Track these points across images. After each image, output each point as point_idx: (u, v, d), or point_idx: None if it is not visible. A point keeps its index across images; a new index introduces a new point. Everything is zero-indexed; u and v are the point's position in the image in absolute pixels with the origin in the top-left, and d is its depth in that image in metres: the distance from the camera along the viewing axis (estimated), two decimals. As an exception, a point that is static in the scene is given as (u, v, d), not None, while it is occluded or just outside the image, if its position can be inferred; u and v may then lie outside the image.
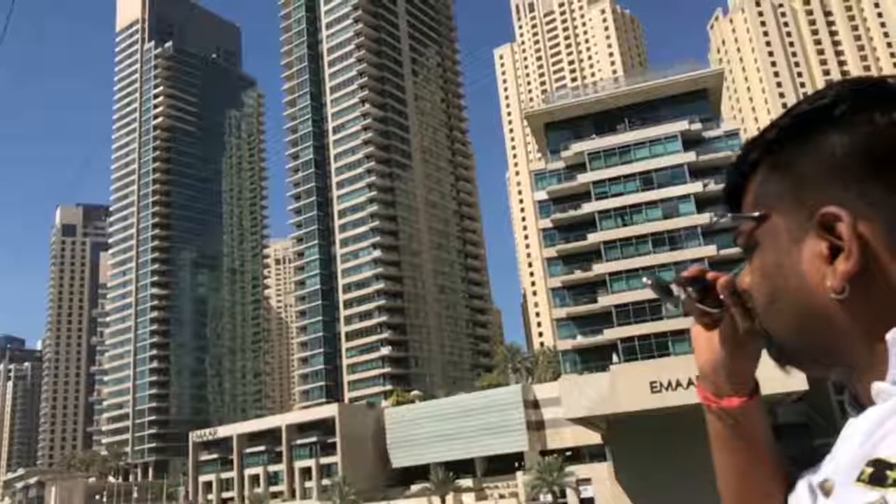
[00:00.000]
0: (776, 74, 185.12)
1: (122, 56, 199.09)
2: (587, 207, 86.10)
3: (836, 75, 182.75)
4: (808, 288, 0.93)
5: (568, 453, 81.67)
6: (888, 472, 0.80)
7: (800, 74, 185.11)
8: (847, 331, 0.92)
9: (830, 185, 0.91)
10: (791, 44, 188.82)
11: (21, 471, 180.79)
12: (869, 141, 0.90)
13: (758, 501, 1.14)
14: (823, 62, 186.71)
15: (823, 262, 0.91)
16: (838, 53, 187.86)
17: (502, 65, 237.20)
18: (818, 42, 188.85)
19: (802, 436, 60.26)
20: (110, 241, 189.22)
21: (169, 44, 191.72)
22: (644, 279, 1.12)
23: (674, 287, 1.11)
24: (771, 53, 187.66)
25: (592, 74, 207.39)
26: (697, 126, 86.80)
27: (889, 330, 0.88)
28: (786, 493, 1.09)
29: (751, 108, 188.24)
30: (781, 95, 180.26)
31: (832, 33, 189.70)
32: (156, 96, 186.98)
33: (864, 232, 0.88)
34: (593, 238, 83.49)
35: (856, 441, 0.88)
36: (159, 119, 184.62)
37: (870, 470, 0.82)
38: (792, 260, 0.95)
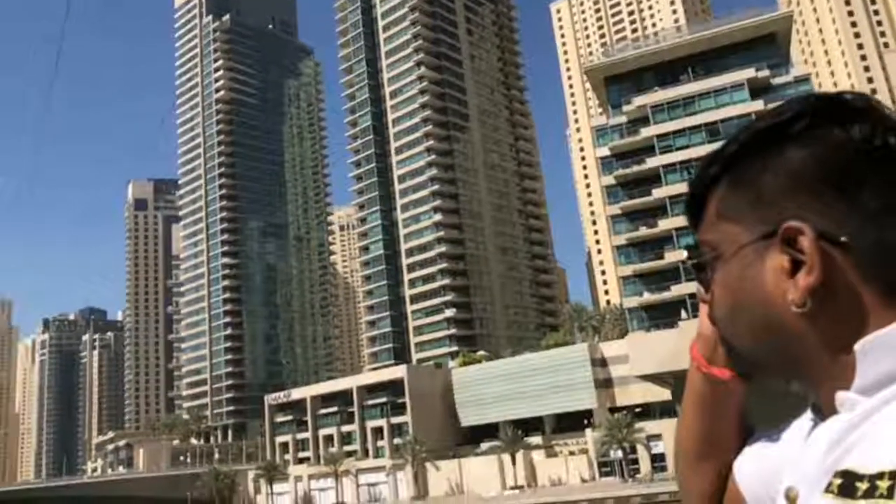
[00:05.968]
0: (850, 14, 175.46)
1: (181, 31, 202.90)
2: (651, 162, 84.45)
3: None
4: (770, 301, 0.94)
5: (637, 410, 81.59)
6: (857, 484, 0.80)
7: (876, 13, 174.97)
8: (809, 343, 0.93)
9: (792, 199, 0.93)
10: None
11: (111, 434, 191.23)
12: (829, 156, 0.91)
13: (710, 460, 1.18)
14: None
15: (785, 276, 0.92)
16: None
17: (559, 20, 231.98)
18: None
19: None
20: (180, 213, 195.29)
21: (226, 17, 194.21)
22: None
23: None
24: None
25: (653, 25, 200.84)
26: (765, 73, 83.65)
27: (852, 342, 0.89)
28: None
29: (823, 52, 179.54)
30: (857, 35, 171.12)
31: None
32: (216, 70, 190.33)
33: (825, 246, 0.90)
34: (658, 193, 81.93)
35: (821, 449, 0.88)
36: (221, 92, 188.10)
37: (838, 481, 0.82)
38: (754, 273, 0.96)
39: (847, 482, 0.81)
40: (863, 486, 0.79)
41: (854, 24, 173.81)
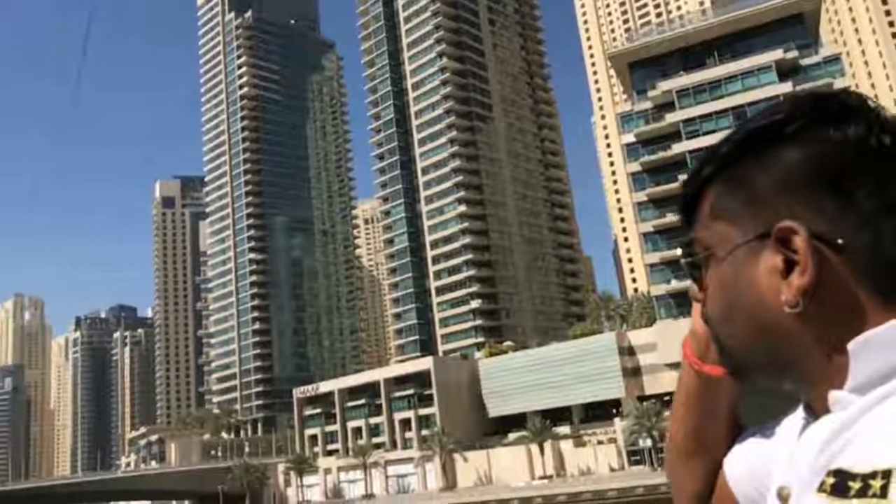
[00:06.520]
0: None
1: (204, 29, 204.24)
2: (677, 148, 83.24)
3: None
4: (764, 301, 0.94)
5: (666, 398, 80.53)
6: (850, 483, 0.79)
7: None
8: (802, 343, 0.93)
9: (787, 199, 0.92)
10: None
11: (143, 429, 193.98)
12: (823, 156, 0.91)
13: (700, 458, 1.19)
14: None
15: (779, 276, 0.92)
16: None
17: (582, 5, 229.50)
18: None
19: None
20: (207, 210, 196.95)
21: (248, 13, 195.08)
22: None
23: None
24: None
25: (678, 8, 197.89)
26: (793, 54, 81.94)
27: (845, 341, 0.89)
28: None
29: (854, 30, 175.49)
30: (888, 13, 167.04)
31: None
32: (239, 66, 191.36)
33: (819, 246, 0.89)
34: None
35: (814, 448, 0.88)
36: (244, 89, 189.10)
37: (831, 480, 0.82)
38: (748, 273, 0.96)
39: (840, 481, 0.81)
40: (856, 485, 0.79)
41: (885, 2, 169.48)
